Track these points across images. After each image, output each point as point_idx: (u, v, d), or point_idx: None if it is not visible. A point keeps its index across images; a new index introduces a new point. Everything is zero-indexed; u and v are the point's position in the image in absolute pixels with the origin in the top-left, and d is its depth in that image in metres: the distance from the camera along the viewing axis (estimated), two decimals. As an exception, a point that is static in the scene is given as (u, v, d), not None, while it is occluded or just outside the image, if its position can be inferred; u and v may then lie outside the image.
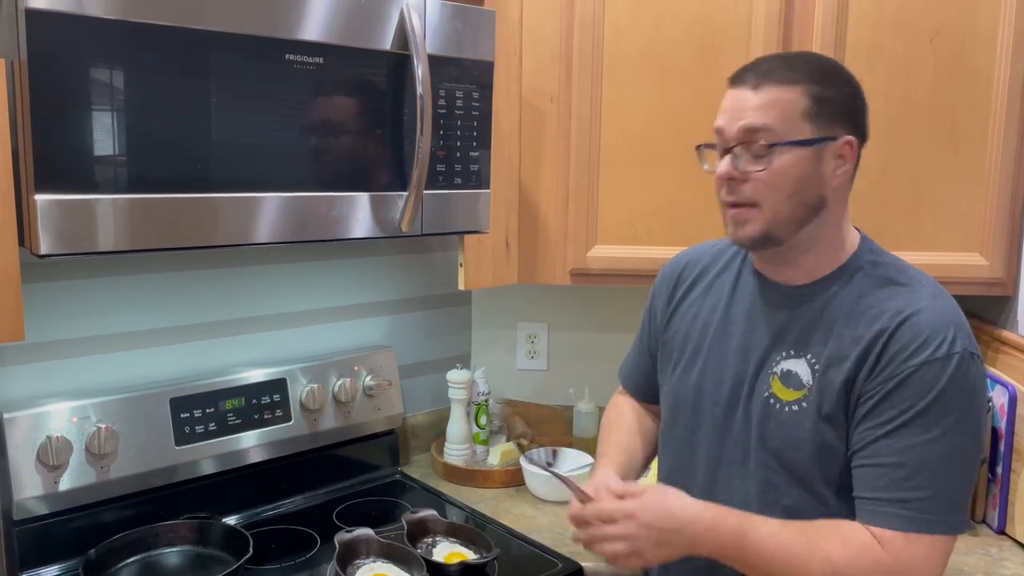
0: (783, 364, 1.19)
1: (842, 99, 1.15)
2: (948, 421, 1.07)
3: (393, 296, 1.99)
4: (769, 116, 1.12)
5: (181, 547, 1.52)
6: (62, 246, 1.14)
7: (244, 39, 1.25)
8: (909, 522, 1.07)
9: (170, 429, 1.56)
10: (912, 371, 1.08)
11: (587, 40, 1.70)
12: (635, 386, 1.51)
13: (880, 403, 1.10)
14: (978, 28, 1.63)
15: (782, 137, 1.12)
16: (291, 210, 1.34)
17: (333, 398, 1.77)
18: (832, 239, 1.19)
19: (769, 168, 1.13)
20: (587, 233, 1.76)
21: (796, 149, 1.13)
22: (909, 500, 1.07)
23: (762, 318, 1.24)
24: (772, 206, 1.14)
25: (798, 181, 1.13)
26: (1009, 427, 1.61)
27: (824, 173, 1.15)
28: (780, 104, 1.13)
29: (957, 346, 1.08)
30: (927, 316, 1.11)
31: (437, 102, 1.47)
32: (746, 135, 1.14)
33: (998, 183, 1.67)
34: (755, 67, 1.16)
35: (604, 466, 1.39)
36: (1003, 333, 1.74)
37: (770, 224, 1.15)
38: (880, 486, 1.08)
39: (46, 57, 1.09)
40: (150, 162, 1.20)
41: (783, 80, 1.13)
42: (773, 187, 1.13)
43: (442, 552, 1.52)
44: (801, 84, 1.13)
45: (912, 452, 1.07)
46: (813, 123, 1.13)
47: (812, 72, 1.15)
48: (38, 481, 1.42)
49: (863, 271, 1.18)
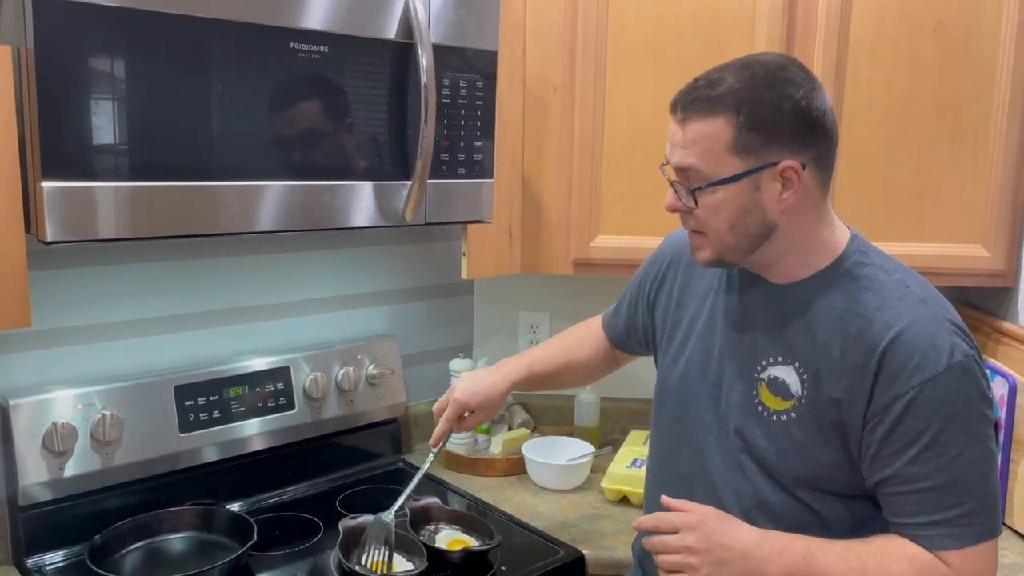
0: (770, 370, 1.18)
1: (780, 120, 1.07)
2: (966, 433, 1.06)
3: (396, 285, 1.99)
4: (694, 155, 1.10)
5: (185, 533, 1.53)
6: (68, 233, 1.15)
7: (249, 27, 1.25)
8: (958, 539, 1.07)
9: (174, 416, 1.56)
10: (918, 391, 1.05)
11: (591, 30, 1.70)
12: (611, 324, 1.55)
13: (893, 429, 1.07)
14: (982, 19, 1.63)
15: (708, 176, 1.09)
16: (295, 198, 1.35)
17: (336, 387, 1.78)
18: (806, 246, 1.15)
19: (702, 206, 1.12)
20: (590, 223, 1.77)
21: (724, 187, 1.09)
22: (952, 519, 1.06)
23: (748, 314, 1.22)
24: (716, 236, 1.14)
25: (735, 214, 1.10)
26: (1009, 418, 1.62)
27: (765, 201, 1.10)
28: (704, 141, 1.08)
29: (957, 354, 1.06)
30: (921, 328, 1.07)
31: (441, 91, 1.47)
32: (679, 172, 1.14)
33: (1000, 175, 1.67)
34: (684, 94, 1.11)
35: (516, 361, 1.52)
36: (1003, 324, 1.74)
37: (720, 250, 1.15)
38: (920, 511, 1.08)
39: (52, 45, 1.10)
40: (156, 150, 1.20)
41: (706, 112, 1.08)
42: (711, 220, 1.13)
43: (445, 539, 1.53)
44: (726, 113, 1.07)
45: (942, 473, 1.06)
46: (741, 155, 1.08)
47: (741, 95, 1.06)
48: (43, 467, 1.43)
49: (849, 274, 1.14)
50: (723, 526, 1.13)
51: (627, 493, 1.72)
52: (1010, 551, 1.54)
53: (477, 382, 1.47)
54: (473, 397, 1.46)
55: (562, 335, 1.61)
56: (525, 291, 2.14)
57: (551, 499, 1.77)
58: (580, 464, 1.81)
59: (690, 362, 1.28)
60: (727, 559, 1.10)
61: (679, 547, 1.12)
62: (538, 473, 1.82)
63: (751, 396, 1.19)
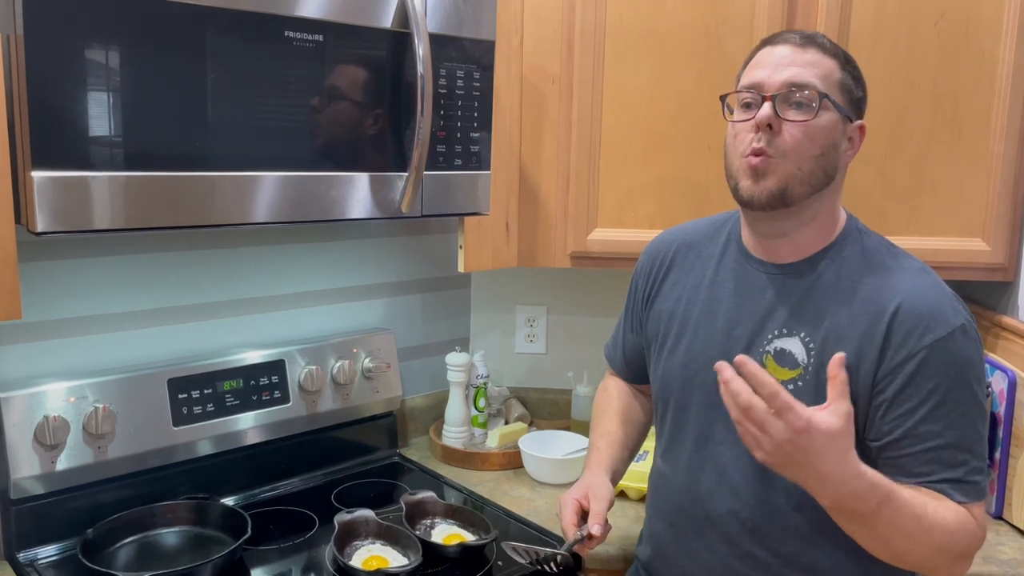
0: (776, 343, 1.20)
1: (860, 88, 1.20)
2: (970, 393, 1.11)
3: (392, 278, 1.98)
4: (815, 75, 1.15)
5: (179, 527, 1.52)
6: (59, 224, 1.13)
7: (242, 15, 1.23)
8: (967, 495, 1.10)
9: (168, 409, 1.55)
10: (929, 351, 1.10)
11: (589, 20, 1.68)
12: (623, 366, 1.52)
13: (903, 390, 1.11)
14: (983, 11, 1.62)
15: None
16: (290, 190, 1.33)
17: (332, 380, 1.76)
18: (827, 216, 1.21)
19: (813, 119, 1.13)
20: (587, 216, 1.75)
21: (834, 111, 1.15)
22: (960, 477, 1.10)
23: (749, 296, 1.24)
24: (797, 162, 1.14)
25: (827, 144, 1.16)
26: (1008, 413, 1.61)
27: (841, 147, 1.18)
28: (824, 67, 1.16)
29: (959, 318, 1.12)
30: (925, 293, 1.13)
31: (438, 82, 1.46)
32: (787, 87, 1.14)
33: (1001, 168, 1.66)
34: (795, 31, 1.20)
35: (595, 464, 1.40)
36: (1003, 319, 1.73)
37: (789, 180, 1.14)
38: (932, 470, 1.10)
39: (43, 31, 1.08)
40: (148, 139, 1.18)
41: (825, 48, 1.17)
42: (807, 141, 1.14)
43: (441, 533, 1.52)
44: (836, 59, 1.17)
45: (951, 431, 1.10)
46: (844, 97, 1.17)
47: (843, 54, 1.19)
48: (35, 461, 1.41)
49: (852, 249, 1.20)
50: (825, 448, 0.98)
51: (624, 487, 1.71)
52: (1008, 546, 1.54)
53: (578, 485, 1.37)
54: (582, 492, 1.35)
55: (597, 422, 1.49)
56: (522, 284, 2.13)
57: (548, 493, 1.76)
58: (577, 458, 1.80)
59: (692, 350, 1.28)
60: (803, 464, 0.99)
61: (762, 424, 0.98)
62: (535, 467, 1.81)
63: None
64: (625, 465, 1.45)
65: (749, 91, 1.17)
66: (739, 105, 1.20)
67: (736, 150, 1.18)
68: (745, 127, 1.17)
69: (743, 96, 1.18)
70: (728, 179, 1.21)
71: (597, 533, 1.26)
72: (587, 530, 1.26)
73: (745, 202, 1.19)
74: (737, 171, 1.18)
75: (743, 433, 1.02)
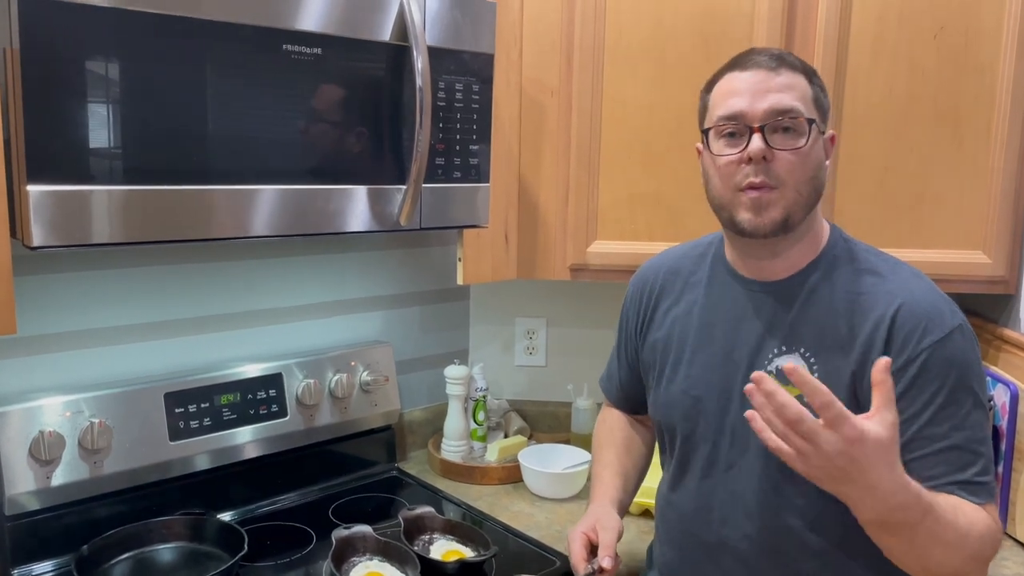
0: (776, 361, 1.18)
1: (827, 98, 1.20)
2: (971, 393, 1.11)
3: (390, 291, 1.97)
4: (795, 98, 1.13)
5: (175, 543, 1.50)
6: (55, 238, 1.12)
7: (241, 28, 1.23)
8: (980, 496, 1.09)
9: (164, 424, 1.54)
10: (930, 353, 1.10)
11: (588, 33, 1.68)
12: (621, 398, 1.51)
13: (908, 392, 1.10)
14: (983, 23, 1.62)
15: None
16: (288, 203, 1.32)
17: (329, 393, 1.75)
18: (815, 230, 1.21)
19: (808, 144, 1.12)
20: (587, 228, 1.75)
21: (817, 132, 1.15)
22: (970, 478, 1.09)
23: (743, 317, 1.22)
24: (795, 187, 1.13)
25: (817, 164, 1.15)
26: (1011, 426, 1.60)
27: (824, 162, 1.18)
28: (799, 88, 1.15)
29: (956, 318, 1.13)
30: (921, 296, 1.14)
31: (436, 95, 1.46)
32: (773, 116, 1.12)
33: (1002, 180, 1.65)
34: (762, 52, 1.17)
35: (600, 495, 1.38)
36: (1005, 332, 1.72)
37: (791, 208, 1.13)
38: (943, 472, 1.09)
39: (39, 45, 1.07)
40: (145, 153, 1.18)
41: (795, 67, 1.16)
42: (801, 165, 1.13)
43: (439, 550, 1.51)
44: (807, 74, 1.17)
45: (957, 432, 1.09)
46: (819, 112, 1.17)
47: (809, 68, 1.18)
48: (30, 476, 1.40)
49: (841, 259, 1.20)
50: (876, 458, 0.94)
51: (625, 502, 1.70)
52: (1012, 561, 1.52)
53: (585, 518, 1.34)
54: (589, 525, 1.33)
55: (599, 454, 1.48)
56: (521, 297, 2.12)
57: (548, 508, 1.75)
58: (577, 472, 1.79)
59: (690, 377, 1.27)
60: (853, 477, 0.94)
61: (813, 436, 0.92)
62: (535, 481, 1.80)
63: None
64: (630, 496, 1.43)
65: (731, 121, 1.14)
66: (719, 136, 1.16)
67: (727, 183, 1.15)
68: (732, 159, 1.14)
69: (724, 127, 1.16)
70: (719, 210, 1.19)
71: (608, 566, 1.22)
72: (598, 563, 1.24)
73: (748, 234, 1.16)
74: (732, 204, 1.16)
75: (780, 448, 0.94)
